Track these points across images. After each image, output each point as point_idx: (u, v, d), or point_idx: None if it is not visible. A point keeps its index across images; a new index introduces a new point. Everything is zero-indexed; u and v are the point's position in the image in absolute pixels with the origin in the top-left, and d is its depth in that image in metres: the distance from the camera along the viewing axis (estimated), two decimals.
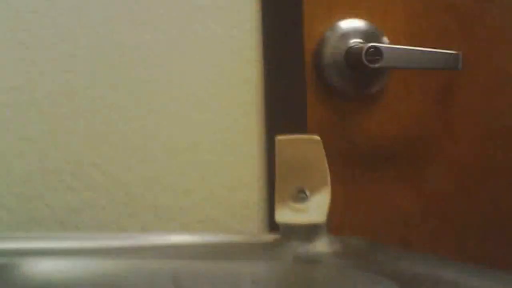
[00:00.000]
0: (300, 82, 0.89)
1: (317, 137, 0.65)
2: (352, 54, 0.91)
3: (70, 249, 0.64)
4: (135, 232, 0.80)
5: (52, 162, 0.82)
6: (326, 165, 0.65)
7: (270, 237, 0.67)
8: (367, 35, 0.93)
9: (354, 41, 0.92)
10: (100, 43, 0.83)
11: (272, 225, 0.66)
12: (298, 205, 0.65)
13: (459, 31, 0.97)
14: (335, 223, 0.67)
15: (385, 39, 0.94)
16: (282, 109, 0.88)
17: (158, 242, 0.67)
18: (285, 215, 0.65)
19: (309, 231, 0.64)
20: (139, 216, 0.84)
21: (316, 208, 0.64)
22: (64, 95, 0.82)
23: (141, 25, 0.84)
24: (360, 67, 0.89)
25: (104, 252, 0.64)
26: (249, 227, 0.86)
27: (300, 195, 0.65)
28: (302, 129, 0.88)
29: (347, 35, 0.92)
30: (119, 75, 0.84)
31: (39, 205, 0.81)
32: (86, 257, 0.63)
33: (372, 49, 0.87)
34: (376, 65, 0.87)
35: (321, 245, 0.63)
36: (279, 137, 0.65)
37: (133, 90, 0.84)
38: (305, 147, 0.65)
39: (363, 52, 0.87)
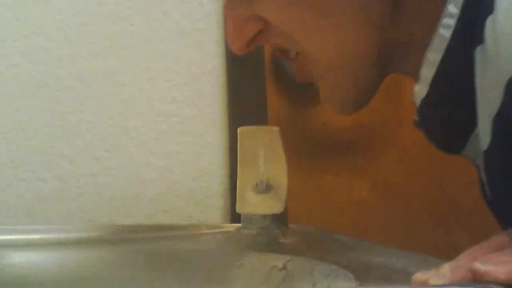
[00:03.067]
0: (260, 73, 0.88)
1: (276, 128, 0.64)
2: None
3: (39, 240, 0.63)
4: (103, 223, 0.79)
5: (22, 153, 0.81)
6: (284, 155, 0.64)
7: (232, 226, 0.67)
8: None
9: None
10: (68, 36, 0.82)
11: (235, 215, 0.65)
12: (258, 196, 0.64)
13: None
14: (293, 213, 0.67)
15: None
16: (245, 100, 0.87)
17: (125, 232, 0.66)
18: (246, 205, 0.64)
19: (268, 221, 0.63)
20: (107, 206, 0.82)
21: (275, 198, 0.63)
22: (33, 87, 0.81)
23: (107, 16, 0.83)
24: None
25: (72, 243, 0.63)
26: (213, 217, 0.85)
27: (260, 186, 0.63)
28: (263, 120, 0.87)
29: None
30: (86, 66, 0.82)
31: (9, 196, 0.80)
32: (54, 249, 0.61)
33: None
34: None
35: (280, 234, 0.62)
36: (241, 128, 0.65)
37: (99, 82, 0.83)
38: (265, 137, 0.64)
39: None
